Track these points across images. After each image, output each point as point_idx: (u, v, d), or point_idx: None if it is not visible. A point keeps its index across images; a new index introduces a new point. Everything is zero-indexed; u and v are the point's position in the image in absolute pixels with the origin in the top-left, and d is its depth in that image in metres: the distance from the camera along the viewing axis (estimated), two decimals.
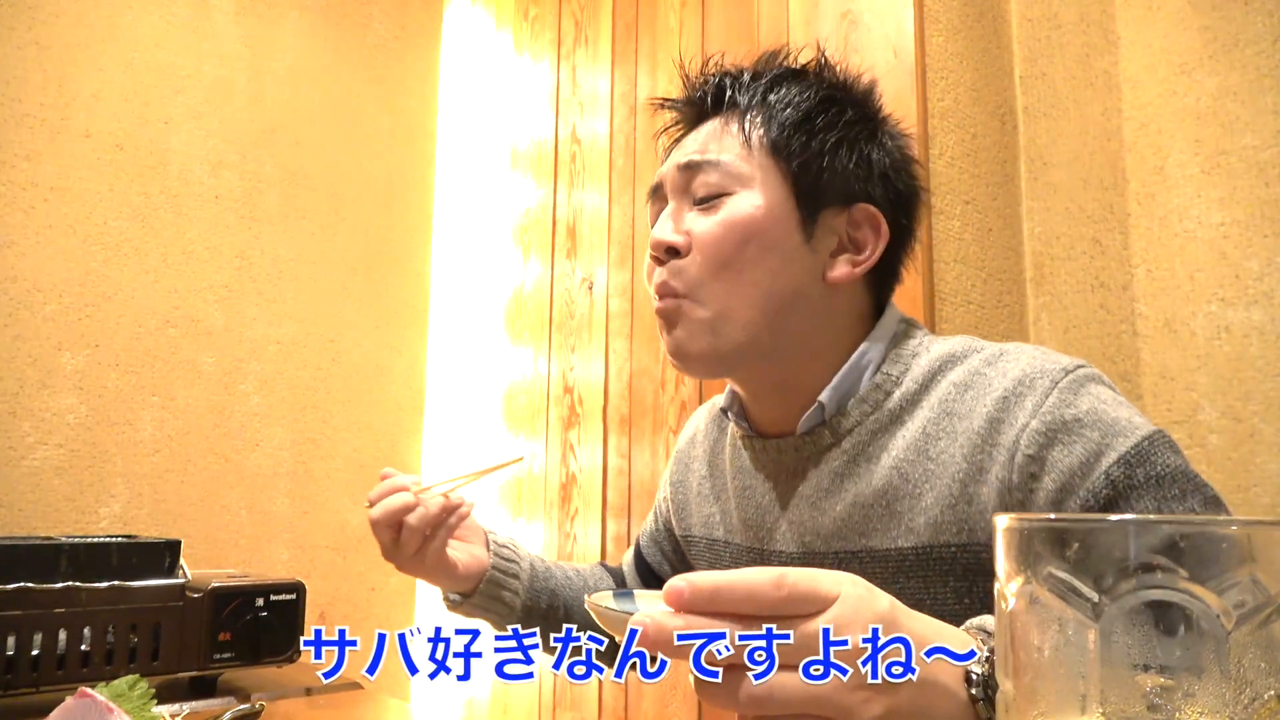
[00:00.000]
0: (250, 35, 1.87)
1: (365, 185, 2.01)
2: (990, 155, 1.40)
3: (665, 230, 0.79)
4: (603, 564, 1.12)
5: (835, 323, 0.79)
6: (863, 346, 0.78)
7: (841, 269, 0.78)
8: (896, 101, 1.31)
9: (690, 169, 0.79)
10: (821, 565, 0.53)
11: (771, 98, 0.79)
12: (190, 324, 1.74)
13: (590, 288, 1.84)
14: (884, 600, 0.44)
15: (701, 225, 0.77)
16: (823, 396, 0.77)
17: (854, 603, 0.43)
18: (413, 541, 0.85)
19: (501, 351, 2.08)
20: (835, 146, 0.78)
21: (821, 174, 0.77)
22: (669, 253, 0.78)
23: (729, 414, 0.87)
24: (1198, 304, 1.24)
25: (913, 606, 0.46)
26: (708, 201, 0.78)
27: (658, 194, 0.84)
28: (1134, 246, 1.31)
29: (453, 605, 0.95)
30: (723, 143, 0.79)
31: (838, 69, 0.83)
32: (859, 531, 0.75)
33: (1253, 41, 1.21)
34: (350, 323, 1.96)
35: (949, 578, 0.70)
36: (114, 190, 1.67)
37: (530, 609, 0.95)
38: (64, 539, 1.18)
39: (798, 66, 0.84)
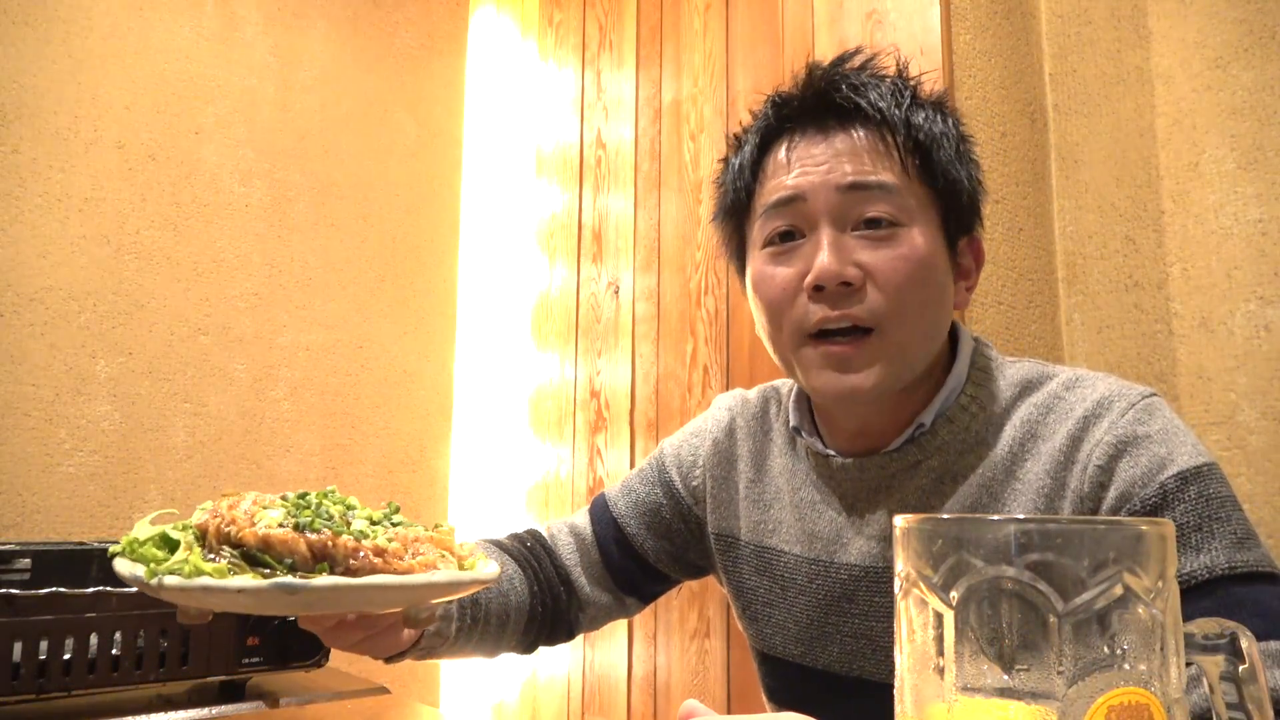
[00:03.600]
0: (279, 45, 1.89)
1: (392, 192, 2.03)
2: (1020, 154, 1.38)
3: (835, 262, 0.74)
4: (493, 541, 0.97)
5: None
6: (955, 369, 0.80)
7: (962, 296, 0.81)
8: None
9: (857, 190, 0.75)
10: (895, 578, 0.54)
11: (915, 120, 0.76)
12: (221, 331, 1.76)
13: (616, 292, 1.84)
14: None
15: (879, 258, 0.74)
16: (923, 417, 0.78)
17: None
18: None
19: (528, 356, 2.09)
20: (969, 177, 0.79)
21: (962, 206, 0.79)
22: (842, 285, 0.74)
23: (802, 433, 0.85)
24: (1235, 302, 1.21)
25: None
26: (876, 229, 0.75)
27: (790, 205, 0.77)
28: (1168, 244, 1.29)
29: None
30: (879, 165, 0.75)
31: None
32: None
33: None
34: (379, 328, 1.98)
35: None
36: (146, 200, 1.70)
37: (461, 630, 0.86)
38: (96, 544, 1.20)
39: (908, 77, 0.80)
